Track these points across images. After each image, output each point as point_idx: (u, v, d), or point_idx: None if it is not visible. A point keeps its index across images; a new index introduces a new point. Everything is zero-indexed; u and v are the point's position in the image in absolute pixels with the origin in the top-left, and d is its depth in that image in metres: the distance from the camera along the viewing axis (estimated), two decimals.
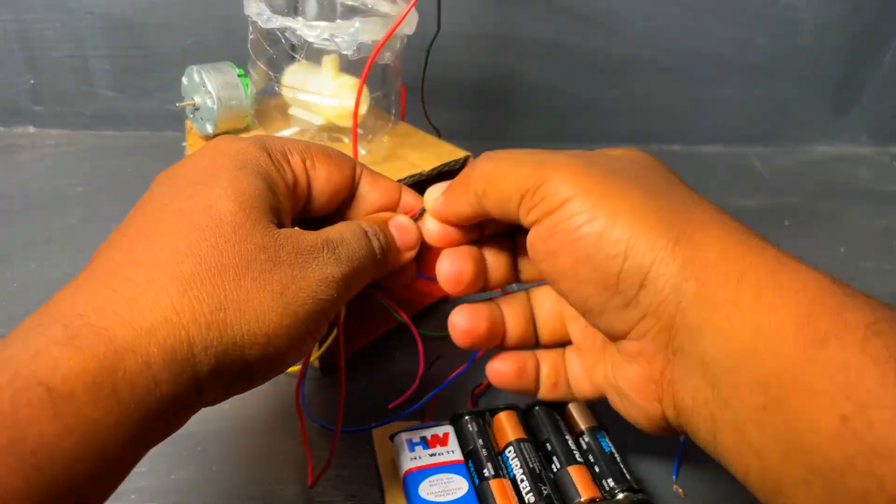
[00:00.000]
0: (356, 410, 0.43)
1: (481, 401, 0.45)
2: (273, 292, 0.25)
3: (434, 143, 0.48)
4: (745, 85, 0.80)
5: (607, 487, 0.36)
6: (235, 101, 0.44)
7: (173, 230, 0.24)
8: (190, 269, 0.24)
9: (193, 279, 0.24)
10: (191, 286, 0.23)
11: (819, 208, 0.71)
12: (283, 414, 0.42)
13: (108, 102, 0.71)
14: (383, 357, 0.47)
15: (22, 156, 0.68)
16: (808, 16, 0.76)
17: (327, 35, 0.40)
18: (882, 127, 0.85)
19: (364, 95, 0.43)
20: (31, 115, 0.72)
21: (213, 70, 0.44)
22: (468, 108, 0.77)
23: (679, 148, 0.82)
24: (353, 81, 0.44)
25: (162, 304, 0.23)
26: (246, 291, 0.24)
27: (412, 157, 0.46)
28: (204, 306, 0.23)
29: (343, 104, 0.43)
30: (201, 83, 0.44)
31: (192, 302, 0.23)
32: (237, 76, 0.45)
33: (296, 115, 0.45)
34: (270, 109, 0.46)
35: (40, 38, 0.67)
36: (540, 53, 0.75)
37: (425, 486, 0.35)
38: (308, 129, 0.45)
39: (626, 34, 0.75)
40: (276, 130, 0.45)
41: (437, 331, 0.47)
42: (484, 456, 0.37)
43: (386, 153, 0.46)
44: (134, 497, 0.37)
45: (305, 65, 0.44)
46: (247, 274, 0.24)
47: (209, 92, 0.44)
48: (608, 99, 0.79)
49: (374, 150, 0.45)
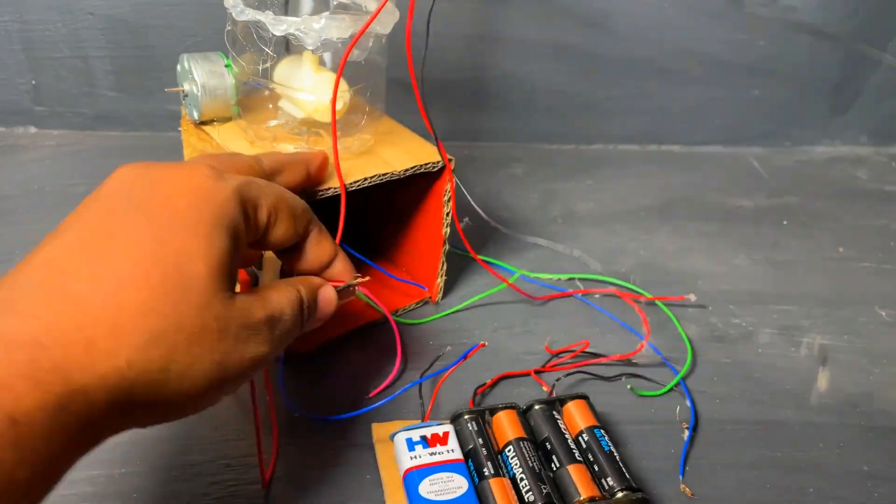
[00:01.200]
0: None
1: (483, 401, 0.45)
2: (213, 362, 0.27)
3: (417, 144, 0.48)
4: (744, 85, 0.80)
5: (606, 486, 0.36)
6: (221, 91, 0.45)
7: (144, 277, 0.25)
8: (151, 326, 0.25)
9: (153, 337, 0.25)
10: (149, 344, 0.25)
11: (818, 208, 0.72)
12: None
13: (109, 103, 0.72)
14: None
15: (23, 156, 0.68)
16: (806, 16, 0.76)
17: (293, 30, 0.40)
18: (881, 127, 0.85)
19: (342, 92, 0.43)
20: (32, 116, 0.72)
21: (202, 59, 0.45)
22: (468, 109, 0.77)
23: (678, 148, 0.82)
24: (331, 77, 0.44)
25: (119, 354, 0.24)
26: (192, 357, 0.26)
27: (388, 155, 0.46)
28: (153, 365, 0.25)
29: (320, 99, 0.43)
30: (189, 70, 0.45)
31: (145, 359, 0.24)
32: (224, 66, 0.45)
33: (283, 107, 0.46)
34: (260, 100, 0.46)
35: (41, 39, 0.68)
36: (540, 54, 0.75)
37: (425, 485, 0.35)
38: (291, 121, 0.45)
39: (626, 34, 0.75)
40: (262, 122, 0.46)
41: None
42: (484, 455, 0.37)
43: (363, 149, 0.46)
44: (136, 496, 0.37)
45: (294, 59, 0.45)
46: (198, 341, 0.26)
47: (195, 80, 0.44)
48: (608, 99, 0.79)
49: (351, 146, 0.45)
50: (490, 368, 0.46)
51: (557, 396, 0.42)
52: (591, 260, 0.59)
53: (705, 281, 0.58)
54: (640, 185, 0.73)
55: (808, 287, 0.59)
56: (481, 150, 0.77)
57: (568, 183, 0.73)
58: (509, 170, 0.74)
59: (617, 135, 0.81)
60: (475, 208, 0.54)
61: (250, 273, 0.44)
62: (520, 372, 0.46)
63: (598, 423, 0.40)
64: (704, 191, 0.73)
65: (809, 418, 0.46)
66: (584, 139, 0.81)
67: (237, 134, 0.46)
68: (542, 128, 0.79)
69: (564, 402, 0.41)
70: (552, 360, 0.48)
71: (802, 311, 0.56)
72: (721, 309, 0.55)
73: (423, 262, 0.52)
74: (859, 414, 0.46)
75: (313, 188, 0.41)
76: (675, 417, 0.45)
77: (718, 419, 0.45)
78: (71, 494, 0.37)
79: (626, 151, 0.81)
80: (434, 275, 0.51)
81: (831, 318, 0.55)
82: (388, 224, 0.54)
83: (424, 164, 0.45)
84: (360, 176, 0.43)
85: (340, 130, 0.46)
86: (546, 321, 0.52)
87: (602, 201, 0.70)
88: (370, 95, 0.47)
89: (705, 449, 0.43)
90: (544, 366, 0.47)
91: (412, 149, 0.47)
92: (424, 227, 0.50)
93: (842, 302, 0.57)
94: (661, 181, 0.74)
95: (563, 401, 0.41)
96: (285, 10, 0.46)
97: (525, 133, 0.79)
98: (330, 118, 0.41)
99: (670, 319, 0.52)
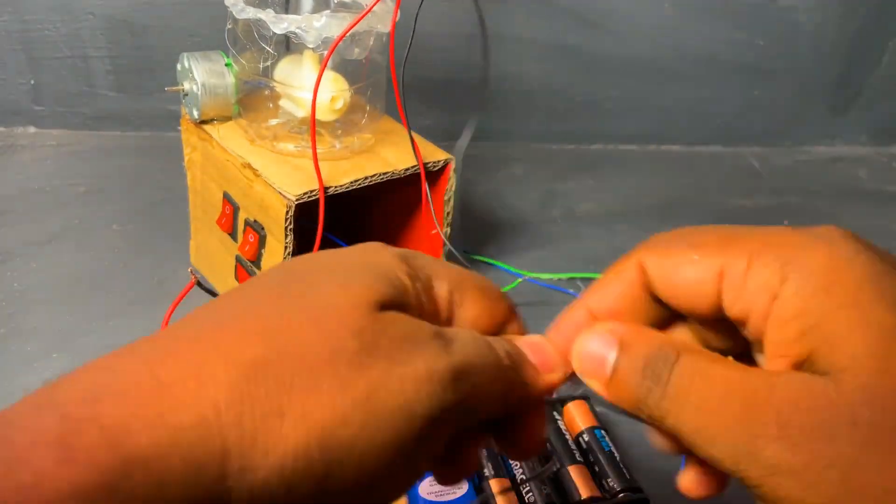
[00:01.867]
0: None
1: None
2: (355, 399, 0.18)
3: (417, 143, 0.47)
4: (744, 85, 0.80)
5: (607, 487, 0.36)
6: (221, 89, 0.45)
7: (253, 307, 0.19)
8: (255, 354, 0.17)
9: (257, 366, 0.17)
10: (251, 377, 0.17)
11: (818, 208, 0.72)
12: None
13: (108, 103, 0.72)
14: None
15: (23, 156, 0.68)
16: (806, 16, 0.76)
17: (294, 28, 0.40)
18: (881, 127, 0.85)
19: (341, 90, 0.43)
20: (32, 116, 0.72)
21: (202, 57, 0.45)
22: (467, 109, 0.77)
23: (678, 148, 0.82)
24: (332, 76, 0.44)
25: (203, 395, 0.16)
26: (319, 395, 0.17)
27: (388, 155, 0.46)
28: (257, 407, 0.17)
29: (320, 98, 0.43)
30: (189, 69, 0.45)
31: (244, 398, 0.16)
32: (224, 65, 0.45)
33: (283, 106, 0.46)
34: (260, 99, 0.46)
35: (41, 39, 0.68)
36: (540, 54, 0.75)
37: (425, 486, 0.35)
38: (291, 120, 0.45)
39: (626, 34, 0.75)
40: (263, 120, 0.46)
41: None
42: (483, 455, 0.37)
43: (364, 148, 0.46)
44: None
45: (295, 57, 0.45)
46: (328, 368, 0.18)
47: (195, 79, 0.44)
48: (608, 99, 0.79)
49: (352, 145, 0.45)
50: None
51: (558, 397, 0.42)
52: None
53: None
54: (640, 185, 0.73)
55: None
56: (481, 150, 0.77)
57: (568, 183, 0.72)
58: (509, 170, 0.74)
59: (617, 135, 0.81)
60: (476, 208, 0.54)
61: None
62: None
63: (599, 423, 0.40)
64: (704, 191, 0.73)
65: None
66: (584, 139, 0.81)
67: (237, 133, 0.46)
68: (542, 128, 0.79)
69: (565, 402, 0.41)
70: None
71: None
72: None
73: None
74: None
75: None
76: None
77: None
78: None
79: (626, 151, 0.81)
80: None
81: None
82: (389, 224, 0.54)
83: (425, 163, 0.45)
84: (360, 175, 0.43)
85: (341, 129, 0.46)
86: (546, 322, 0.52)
87: (602, 201, 0.69)
88: (370, 94, 0.47)
89: None
90: None
91: (410, 148, 0.47)
92: (426, 226, 0.50)
93: None
94: (661, 181, 0.74)
95: (564, 401, 0.41)
96: (286, 8, 0.46)
97: (525, 133, 0.79)
98: (330, 117, 0.41)
99: None
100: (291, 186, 0.41)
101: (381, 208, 0.53)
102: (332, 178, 0.42)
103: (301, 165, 0.43)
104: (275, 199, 0.41)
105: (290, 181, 0.41)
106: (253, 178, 0.42)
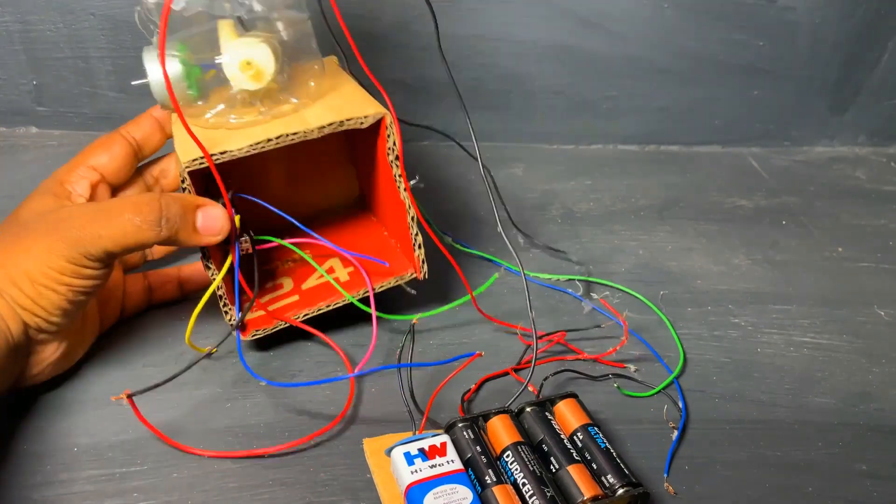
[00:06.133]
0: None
1: (471, 406, 0.44)
2: None
3: (354, 99, 0.42)
4: (742, 85, 0.80)
5: (607, 484, 0.36)
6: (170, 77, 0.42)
7: None
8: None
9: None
10: None
11: (817, 208, 0.72)
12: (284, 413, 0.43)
13: (110, 103, 0.72)
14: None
15: (24, 156, 0.68)
16: (805, 17, 0.76)
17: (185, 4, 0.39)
18: (880, 128, 0.85)
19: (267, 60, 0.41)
20: (33, 116, 0.72)
21: (154, 49, 0.43)
22: (468, 109, 0.77)
23: (677, 148, 0.82)
24: (246, 41, 0.42)
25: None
26: None
27: (310, 114, 0.41)
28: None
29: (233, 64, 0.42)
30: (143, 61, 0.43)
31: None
32: (173, 53, 0.43)
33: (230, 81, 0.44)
34: (217, 79, 0.44)
35: (42, 39, 0.68)
36: (540, 54, 0.75)
37: (430, 499, 0.35)
38: (241, 93, 0.43)
39: (626, 34, 0.75)
40: (216, 102, 0.44)
41: None
42: (483, 463, 0.37)
43: (290, 110, 0.42)
44: (136, 496, 0.37)
45: (205, 32, 0.43)
46: None
47: (146, 71, 0.43)
48: (608, 99, 0.79)
49: (283, 111, 0.42)
50: (469, 370, 0.44)
51: (546, 397, 0.42)
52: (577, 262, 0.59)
53: (704, 280, 0.58)
54: (640, 185, 0.73)
55: (807, 287, 0.59)
56: (481, 149, 0.77)
57: (568, 183, 0.73)
58: (509, 170, 0.74)
59: (617, 135, 0.81)
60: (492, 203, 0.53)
61: None
62: (499, 372, 0.46)
63: (591, 420, 0.40)
64: (704, 191, 0.74)
65: (808, 418, 0.46)
66: (584, 139, 0.81)
67: (199, 113, 0.44)
68: (542, 128, 0.80)
69: (554, 402, 0.41)
70: (527, 354, 0.48)
71: (801, 311, 0.56)
72: (720, 308, 0.55)
73: (401, 234, 0.47)
74: (858, 413, 0.47)
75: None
76: (663, 417, 0.45)
77: (717, 418, 0.45)
78: (71, 494, 0.37)
79: (625, 151, 0.81)
80: (411, 248, 0.46)
81: (830, 317, 0.55)
82: (375, 198, 0.52)
83: (347, 119, 0.39)
84: (262, 137, 0.39)
85: (270, 98, 0.43)
86: (546, 322, 0.52)
87: (601, 201, 0.70)
88: (296, 52, 0.43)
89: (704, 448, 0.43)
90: (519, 362, 0.47)
91: (342, 105, 0.42)
92: (389, 193, 0.45)
93: (841, 302, 0.57)
94: (661, 181, 0.74)
95: (553, 401, 0.41)
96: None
97: (525, 133, 0.79)
98: (259, 84, 0.40)
99: (663, 321, 0.53)
100: (185, 155, 0.39)
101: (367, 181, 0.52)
102: (234, 143, 0.39)
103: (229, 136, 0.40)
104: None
105: (187, 150, 0.39)
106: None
